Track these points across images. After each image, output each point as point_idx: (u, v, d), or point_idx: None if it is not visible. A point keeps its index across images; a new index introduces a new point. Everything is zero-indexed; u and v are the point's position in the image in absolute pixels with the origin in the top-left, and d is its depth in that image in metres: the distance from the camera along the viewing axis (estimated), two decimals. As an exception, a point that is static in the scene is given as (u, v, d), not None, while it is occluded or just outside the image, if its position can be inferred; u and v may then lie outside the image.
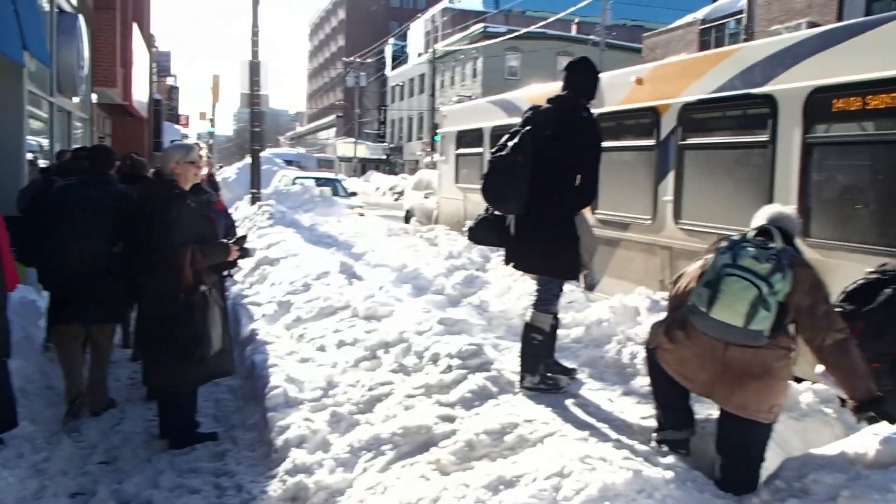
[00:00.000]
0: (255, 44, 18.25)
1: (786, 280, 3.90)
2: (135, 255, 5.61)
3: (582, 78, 5.58)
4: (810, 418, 5.13)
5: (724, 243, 4.17)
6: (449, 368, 5.57)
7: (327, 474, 4.69)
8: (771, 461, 4.36)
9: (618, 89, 9.44)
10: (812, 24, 7.74)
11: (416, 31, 73.73)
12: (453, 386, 5.36)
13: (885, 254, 6.01)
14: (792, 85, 7.00)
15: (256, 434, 5.87)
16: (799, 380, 5.81)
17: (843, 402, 4.51)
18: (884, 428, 3.98)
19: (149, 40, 30.27)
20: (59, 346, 6.58)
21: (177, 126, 45.71)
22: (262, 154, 20.65)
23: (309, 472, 4.75)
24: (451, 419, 4.92)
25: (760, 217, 4.42)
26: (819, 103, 6.76)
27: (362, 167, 71.50)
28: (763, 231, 4.23)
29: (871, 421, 3.98)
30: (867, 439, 3.93)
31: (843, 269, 6.36)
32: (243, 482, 5.04)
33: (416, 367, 5.86)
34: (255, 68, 18.42)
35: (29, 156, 11.80)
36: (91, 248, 6.12)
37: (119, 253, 5.85)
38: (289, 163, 34.05)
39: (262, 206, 15.93)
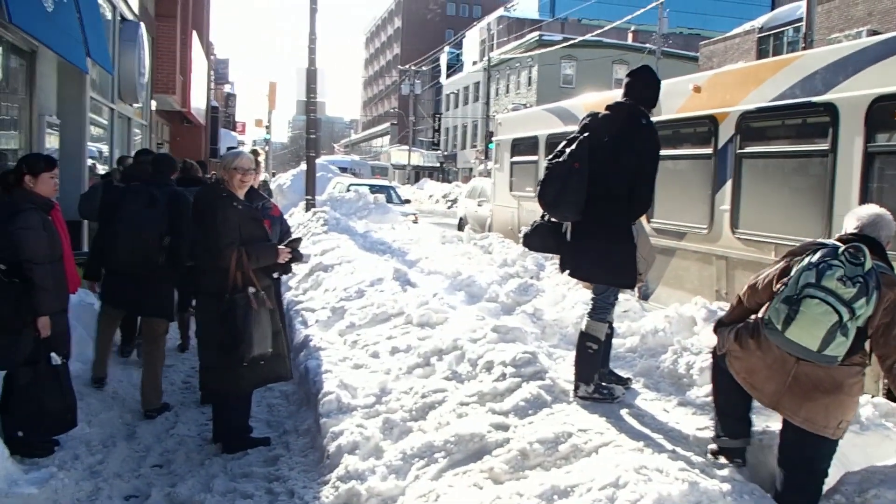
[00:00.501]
0: (311, 51, 18.44)
1: (870, 304, 3.74)
2: (190, 257, 5.77)
3: (643, 86, 5.53)
4: (871, 432, 5.00)
5: (809, 256, 3.95)
6: (503, 376, 5.55)
7: (379, 481, 4.70)
8: (831, 475, 4.27)
9: (675, 97, 9.34)
10: (873, 32, 7.61)
11: (472, 39, 73.83)
12: (507, 394, 5.33)
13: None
14: (854, 93, 6.87)
15: (309, 440, 5.92)
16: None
17: None
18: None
19: (207, 48, 30.86)
20: (101, 325, 7.23)
21: (233, 133, 46.46)
22: (317, 161, 20.83)
23: (361, 479, 4.76)
24: (504, 427, 4.90)
25: (853, 219, 4.17)
26: (881, 112, 6.63)
27: (416, 175, 71.80)
28: (852, 239, 4.01)
29: None
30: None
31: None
32: (295, 487, 5.07)
33: (469, 375, 5.84)
34: (311, 76, 18.61)
35: (89, 162, 12.10)
36: (143, 242, 6.61)
37: (168, 247, 6.09)
38: (343, 170, 34.37)
39: (317, 213, 16.07)
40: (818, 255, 3.89)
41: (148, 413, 6.64)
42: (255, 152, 9.01)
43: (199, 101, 25.71)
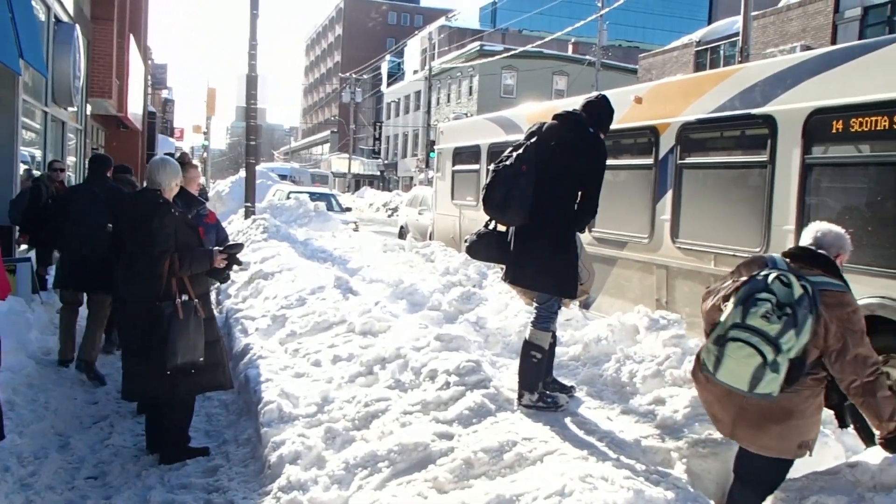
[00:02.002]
0: (252, 57, 18.22)
1: (802, 333, 3.67)
2: (117, 263, 5.65)
3: (599, 107, 5.62)
4: (810, 440, 5.08)
5: (744, 285, 3.89)
6: (446, 385, 5.51)
7: (322, 491, 4.61)
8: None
9: (616, 108, 9.41)
10: (806, 48, 7.75)
11: (413, 48, 73.93)
12: (451, 403, 5.30)
13: (884, 275, 6.00)
14: (791, 106, 7.00)
15: (249, 450, 5.79)
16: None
17: (855, 427, 4.46)
18: (880, 452, 3.97)
19: (145, 52, 30.23)
20: (62, 311, 8.13)
21: (171, 139, 45.61)
22: (257, 168, 20.58)
23: (303, 489, 4.66)
24: (448, 436, 4.86)
25: (807, 234, 4.18)
26: (818, 124, 6.77)
27: (356, 183, 71.52)
28: (800, 254, 4.03)
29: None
30: (868, 462, 3.91)
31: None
32: (236, 498, 4.95)
33: (412, 384, 5.79)
34: (252, 82, 18.39)
35: (23, 166, 11.76)
36: (89, 230, 7.52)
37: (111, 233, 6.28)
38: (283, 177, 34.11)
39: (257, 220, 15.87)
40: (746, 288, 3.86)
41: (80, 364, 7.60)
42: (184, 155, 9.50)
43: (135, 106, 25.15)
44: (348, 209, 26.59)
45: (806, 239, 4.14)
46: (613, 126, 8.84)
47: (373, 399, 5.66)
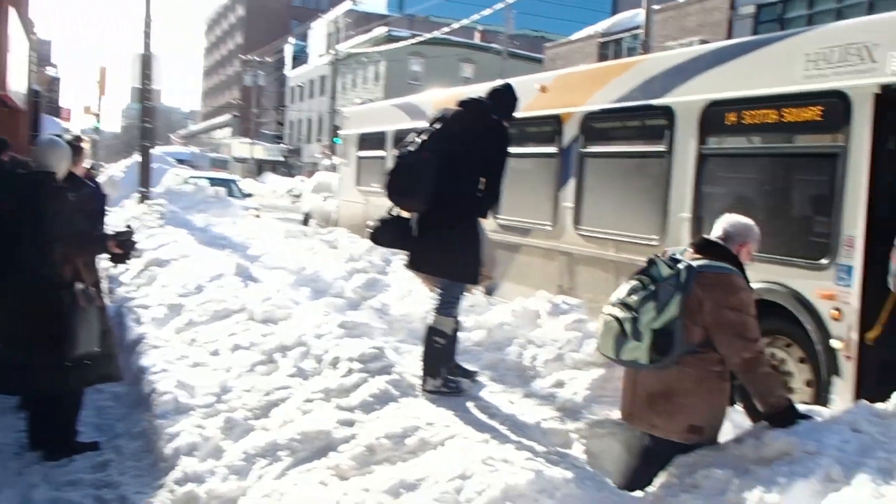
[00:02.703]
0: (147, 35, 17.64)
1: (667, 306, 4.00)
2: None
3: (505, 96, 5.66)
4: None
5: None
6: (349, 372, 5.46)
7: (220, 482, 4.52)
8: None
9: (521, 96, 9.49)
10: (704, 42, 8.00)
11: (318, 31, 72.94)
12: (353, 390, 5.25)
13: (771, 261, 6.23)
14: (689, 98, 7.19)
15: (143, 443, 5.62)
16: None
17: (743, 405, 4.64)
18: (770, 428, 4.13)
19: (27, 26, 28.84)
20: None
21: (57, 119, 43.76)
22: (153, 152, 19.98)
23: (200, 481, 4.55)
24: (350, 423, 4.82)
25: (716, 227, 4.45)
26: (713, 116, 6.98)
27: (259, 168, 70.27)
28: (700, 243, 4.33)
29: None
30: (754, 437, 4.06)
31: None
32: (127, 494, 4.80)
33: (314, 371, 5.72)
34: (146, 61, 17.79)
35: None
36: None
37: None
38: (181, 162, 33.24)
39: (152, 206, 15.42)
40: (635, 273, 4.29)
41: None
42: (77, 139, 8.64)
43: (18, 84, 23.95)
44: (250, 195, 26.15)
45: (716, 230, 4.41)
46: (519, 114, 8.93)
47: (273, 387, 5.57)
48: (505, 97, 5.65)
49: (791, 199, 6.81)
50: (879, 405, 4.12)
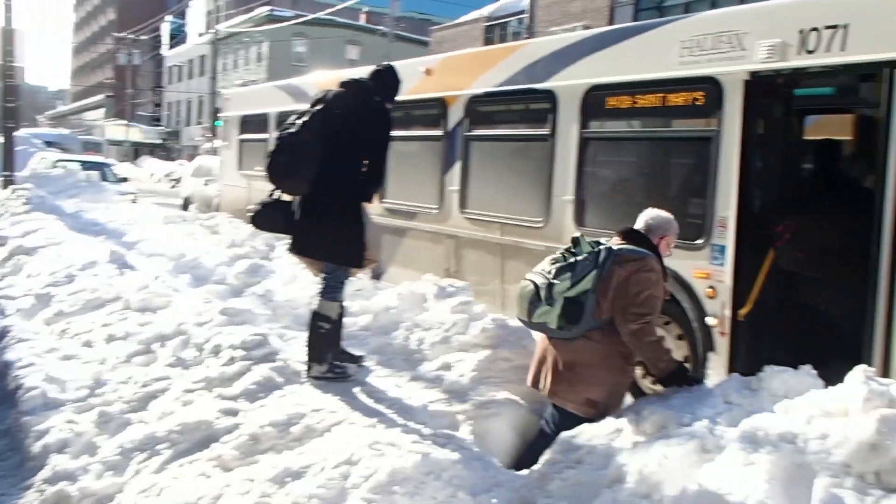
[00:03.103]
0: (8, 8, 16.65)
1: (583, 279, 4.38)
2: None
3: (387, 78, 5.61)
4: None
5: None
6: (231, 360, 5.34)
7: (94, 480, 4.34)
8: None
9: (407, 79, 9.42)
10: (587, 28, 8.14)
11: (197, 9, 70.72)
12: (236, 378, 5.13)
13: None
14: (571, 82, 7.31)
15: (8, 441, 5.32)
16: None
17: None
18: (648, 402, 4.28)
19: None
20: None
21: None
22: (17, 134, 18.96)
23: (72, 479, 4.37)
24: (234, 413, 4.71)
25: (639, 220, 4.82)
26: (594, 100, 7.11)
27: (135, 152, 67.84)
28: (625, 232, 4.70)
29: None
30: (633, 412, 4.20)
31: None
32: (-9, 495, 4.55)
33: (195, 361, 5.57)
34: (7, 36, 16.79)
35: None
36: None
37: None
38: (49, 144, 31.94)
39: (17, 191, 14.65)
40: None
41: None
42: None
43: None
44: (125, 179, 25.29)
45: (638, 222, 4.78)
46: (404, 97, 8.90)
47: (152, 378, 5.40)
48: (387, 79, 5.61)
49: (668, 181, 7.03)
50: (750, 378, 4.32)
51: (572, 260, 4.50)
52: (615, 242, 4.60)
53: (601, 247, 4.52)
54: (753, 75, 5.87)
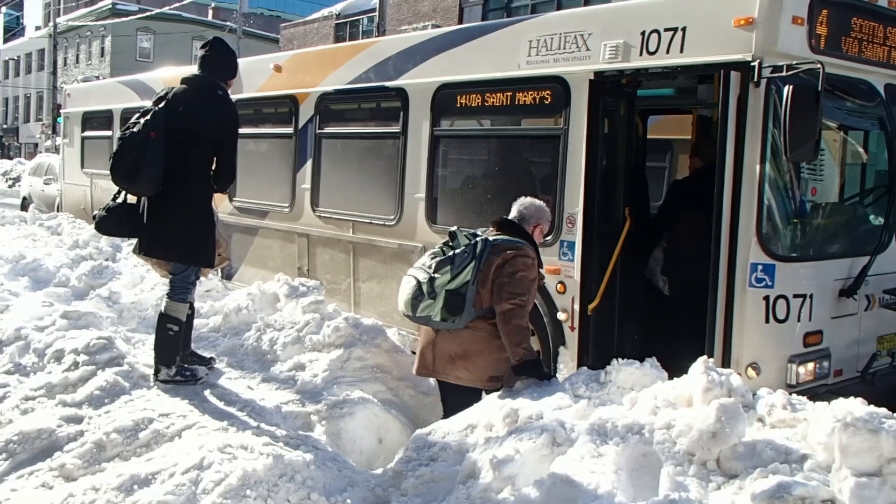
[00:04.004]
0: None
1: (462, 271, 4.58)
2: None
3: (218, 58, 5.46)
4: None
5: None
6: (75, 365, 5.18)
7: (-75, 496, 4.10)
8: (403, 434, 4.62)
9: (256, 75, 9.34)
10: (436, 27, 8.24)
11: (34, 1, 67.08)
12: (80, 384, 4.99)
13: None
14: (421, 80, 7.38)
15: None
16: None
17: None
18: (500, 398, 4.40)
19: None
20: None
21: None
22: None
23: None
24: (77, 420, 4.59)
25: (513, 209, 5.02)
26: (444, 98, 7.21)
27: (-31, 149, 63.71)
28: (499, 222, 4.91)
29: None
30: (489, 408, 4.30)
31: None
32: None
33: (35, 367, 5.39)
34: None
35: None
36: None
37: None
38: None
39: None
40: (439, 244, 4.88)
41: None
42: None
43: None
44: (-42, 178, 23.73)
45: (512, 212, 4.98)
46: (254, 94, 8.80)
47: (-12, 387, 5.13)
48: (220, 58, 5.47)
49: (519, 179, 7.17)
50: (599, 371, 4.52)
51: (451, 253, 4.66)
52: (491, 233, 4.80)
53: (477, 238, 4.71)
54: (598, 75, 6.03)
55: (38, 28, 63.95)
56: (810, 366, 5.34)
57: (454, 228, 4.89)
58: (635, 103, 6.42)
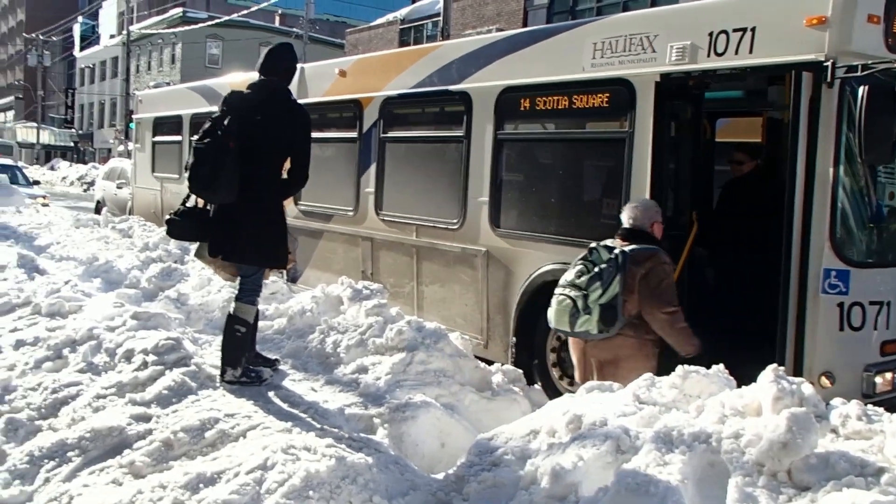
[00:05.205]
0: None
1: (611, 284, 4.84)
2: None
3: (283, 64, 5.53)
4: (500, 397, 5.45)
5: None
6: (144, 365, 5.28)
7: (1, 489, 4.22)
8: (465, 438, 4.59)
9: (321, 80, 9.46)
10: (500, 31, 8.23)
11: (109, 10, 68.84)
12: (149, 383, 5.08)
13: (564, 243, 6.55)
14: (484, 84, 7.38)
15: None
16: (490, 362, 6.18)
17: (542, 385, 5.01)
18: (564, 404, 4.34)
19: None
20: None
21: None
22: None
23: (-22, 489, 4.24)
24: (146, 418, 4.67)
25: (624, 216, 5.23)
26: (508, 102, 7.19)
27: (47, 154, 65.78)
28: (623, 233, 5.12)
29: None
30: (552, 413, 4.25)
31: (528, 258, 6.87)
32: None
33: (107, 366, 5.49)
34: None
35: None
36: None
37: None
38: (-44, 147, 30.74)
39: (-81, 195, 14.09)
40: (577, 259, 5.14)
41: None
42: None
43: None
44: (37, 182, 24.57)
45: (625, 219, 5.20)
46: (319, 98, 8.92)
47: (62, 384, 5.29)
48: (286, 63, 5.56)
49: (582, 182, 7.14)
50: (664, 378, 4.44)
51: (597, 270, 4.92)
52: (620, 244, 5.03)
53: (616, 251, 4.94)
54: (664, 77, 5.96)
55: (112, 36, 65.71)
56: (888, 375, 5.20)
57: (593, 244, 5.13)
58: (703, 106, 6.33)
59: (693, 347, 4.92)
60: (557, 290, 5.11)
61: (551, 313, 5.15)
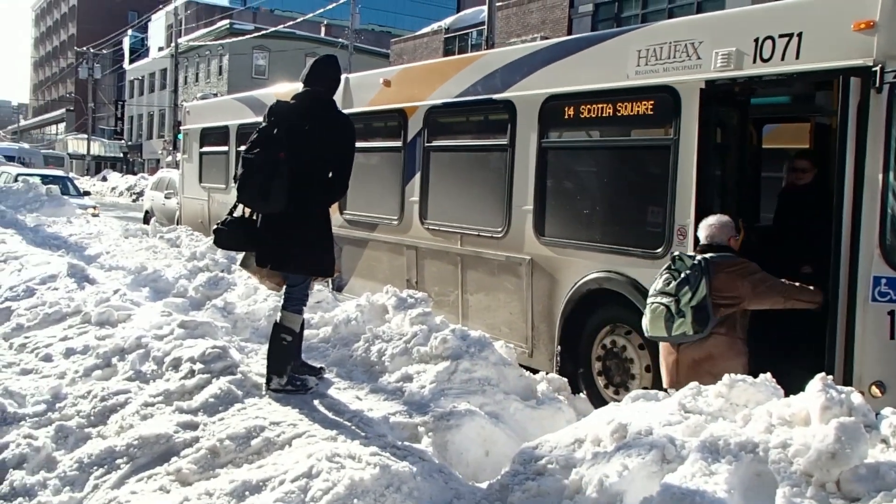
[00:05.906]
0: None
1: (698, 288, 5.06)
2: None
3: (328, 74, 5.57)
4: (545, 406, 5.42)
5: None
6: (191, 373, 5.33)
7: (51, 495, 4.29)
8: (509, 447, 4.56)
9: (366, 90, 9.51)
10: (545, 39, 8.19)
11: (158, 23, 70.13)
12: (196, 391, 5.13)
13: (615, 251, 6.49)
14: (528, 92, 7.36)
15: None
16: (535, 371, 6.15)
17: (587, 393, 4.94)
18: (608, 412, 4.30)
19: None
20: None
21: None
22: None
23: (30, 495, 4.31)
24: (193, 426, 4.70)
25: (700, 234, 5.40)
26: (552, 110, 7.16)
27: (97, 165, 67.10)
28: (706, 247, 5.31)
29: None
30: (597, 422, 4.21)
31: (573, 266, 6.82)
32: (-55, 513, 4.48)
33: (154, 374, 5.55)
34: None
35: None
36: None
37: None
38: (10, 158, 31.53)
39: (-25, 206, 14.42)
40: (662, 269, 5.37)
41: None
42: None
43: None
44: (87, 193, 25.06)
45: (702, 237, 5.36)
46: (364, 108, 8.97)
47: (111, 392, 5.36)
48: (330, 74, 5.59)
49: (627, 190, 7.06)
50: (710, 387, 4.36)
51: (683, 276, 5.13)
52: (701, 256, 5.21)
53: (698, 259, 5.17)
54: (709, 84, 5.90)
55: (160, 49, 66.92)
56: (941, 385, 5.04)
57: (676, 253, 5.35)
58: (749, 112, 6.24)
59: (819, 296, 5.16)
60: (649, 300, 5.31)
61: (646, 321, 5.31)
